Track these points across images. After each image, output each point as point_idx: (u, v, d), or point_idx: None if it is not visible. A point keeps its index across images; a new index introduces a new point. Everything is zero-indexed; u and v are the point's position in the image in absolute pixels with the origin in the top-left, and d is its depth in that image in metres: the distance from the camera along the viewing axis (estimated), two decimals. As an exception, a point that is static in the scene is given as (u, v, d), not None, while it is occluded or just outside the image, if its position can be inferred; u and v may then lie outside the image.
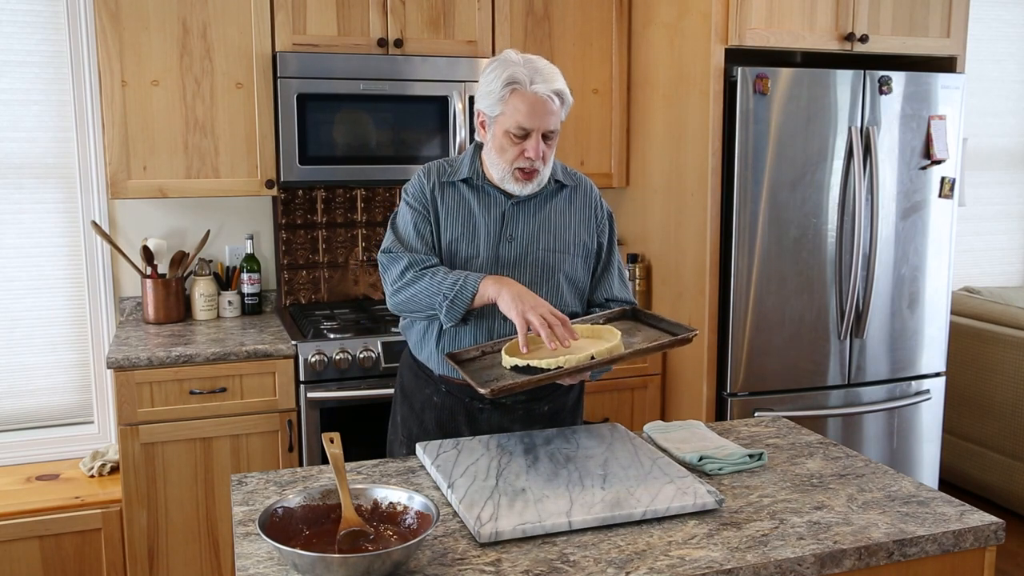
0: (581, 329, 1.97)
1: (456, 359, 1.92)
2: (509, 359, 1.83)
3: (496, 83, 1.94)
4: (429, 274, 1.95)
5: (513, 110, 1.93)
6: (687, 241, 3.10)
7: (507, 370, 1.83)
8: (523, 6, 3.25)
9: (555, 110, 1.95)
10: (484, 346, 1.96)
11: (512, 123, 1.94)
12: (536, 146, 1.95)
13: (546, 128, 1.95)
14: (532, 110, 1.92)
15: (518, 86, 1.92)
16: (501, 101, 1.94)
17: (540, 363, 1.77)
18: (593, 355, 1.78)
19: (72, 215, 3.20)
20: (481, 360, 1.93)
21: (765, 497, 1.66)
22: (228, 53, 2.97)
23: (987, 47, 4.40)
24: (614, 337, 1.85)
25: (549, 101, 1.93)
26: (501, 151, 1.98)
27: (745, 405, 3.02)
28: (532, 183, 2.01)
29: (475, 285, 1.89)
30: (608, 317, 2.08)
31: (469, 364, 1.91)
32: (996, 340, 3.80)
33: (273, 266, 3.45)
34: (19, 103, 3.10)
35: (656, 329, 2.01)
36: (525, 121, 1.93)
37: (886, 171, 3.07)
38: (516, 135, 1.95)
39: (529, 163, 1.97)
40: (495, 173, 2.02)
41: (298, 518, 1.45)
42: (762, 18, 2.90)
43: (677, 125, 3.12)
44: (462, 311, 1.91)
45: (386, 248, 2.04)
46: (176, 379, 2.76)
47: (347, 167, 3.04)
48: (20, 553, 2.77)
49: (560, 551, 1.44)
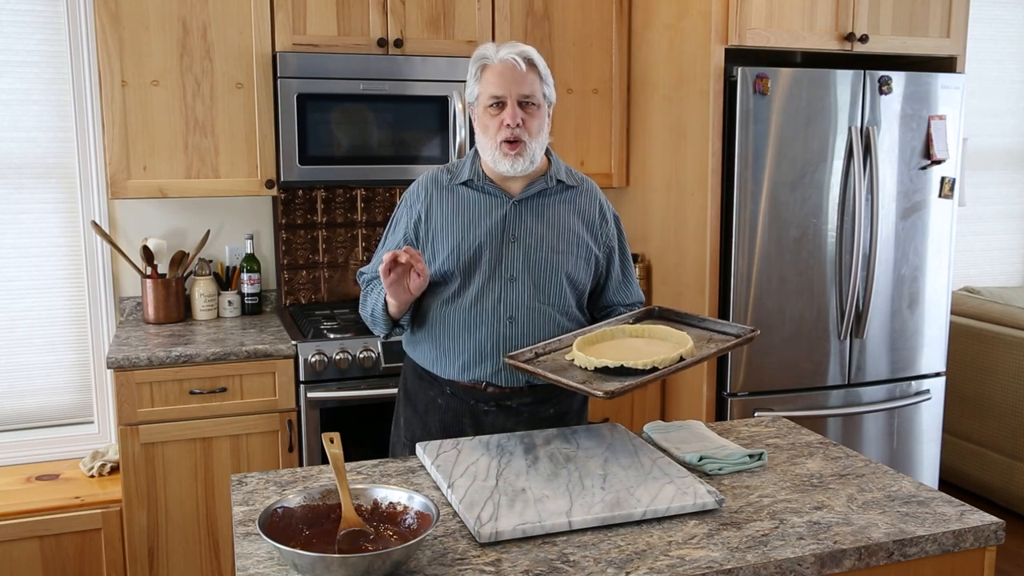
0: (631, 329, 1.98)
1: (518, 360, 1.89)
2: (591, 359, 1.81)
3: (472, 67, 2.04)
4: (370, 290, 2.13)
5: (485, 83, 2.00)
6: (687, 241, 3.10)
7: (587, 371, 1.81)
8: (523, 6, 3.25)
9: (523, 72, 1.98)
10: (536, 347, 1.95)
11: (486, 96, 1.99)
12: (512, 112, 1.97)
13: (519, 93, 1.98)
14: (500, 77, 1.98)
15: (486, 60, 2.01)
16: (476, 81, 2.02)
17: (636, 364, 1.76)
18: (682, 356, 1.80)
19: (72, 215, 3.20)
20: (540, 361, 1.90)
21: (765, 497, 1.66)
22: (228, 53, 2.97)
23: (987, 47, 4.40)
24: (684, 340, 1.87)
25: (515, 64, 1.97)
26: (485, 130, 2.02)
27: (745, 405, 3.02)
28: (522, 159, 1.99)
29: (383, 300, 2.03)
30: (636, 317, 2.09)
31: (534, 366, 1.87)
32: (996, 340, 3.80)
33: (273, 266, 3.45)
34: (19, 103, 3.10)
35: (700, 328, 2.02)
36: (495, 88, 1.98)
37: (886, 171, 3.07)
38: (493, 107, 1.99)
39: (509, 131, 1.97)
40: (486, 157, 2.03)
41: (298, 518, 1.45)
42: (762, 18, 2.90)
43: (677, 125, 3.12)
44: (383, 321, 2.07)
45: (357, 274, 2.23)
46: (176, 379, 2.76)
47: (347, 167, 3.04)
48: (20, 553, 2.77)
49: (560, 551, 1.44)
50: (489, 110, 1.99)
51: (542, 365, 1.87)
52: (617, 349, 1.89)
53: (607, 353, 1.84)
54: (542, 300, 2.04)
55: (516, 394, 2.05)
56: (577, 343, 1.90)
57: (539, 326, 2.03)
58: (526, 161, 2.00)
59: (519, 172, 2.01)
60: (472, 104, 2.06)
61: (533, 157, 2.02)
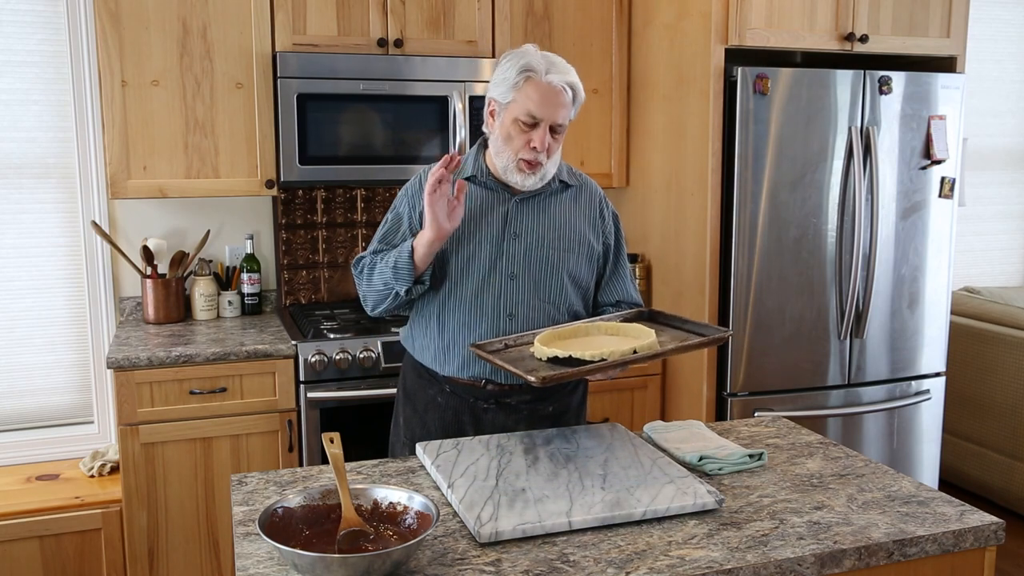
0: (606, 327, 1.98)
1: (483, 350, 1.91)
2: (546, 350, 1.82)
3: (512, 71, 1.96)
4: (378, 260, 2.05)
5: (525, 97, 1.94)
6: (687, 241, 3.10)
7: (541, 361, 1.82)
8: (523, 6, 3.25)
9: (566, 103, 1.96)
10: (507, 339, 1.96)
11: (523, 110, 1.95)
12: (543, 137, 1.95)
13: (555, 120, 1.96)
14: (544, 99, 1.94)
15: (533, 74, 1.94)
16: (514, 88, 1.95)
17: (583, 355, 1.77)
18: (636, 350, 1.79)
19: (72, 215, 3.20)
20: (507, 352, 1.92)
21: (765, 497, 1.66)
22: (228, 53, 2.97)
23: (987, 47, 4.40)
24: (648, 335, 1.87)
25: (562, 92, 1.95)
26: (507, 140, 1.99)
27: (745, 405, 3.02)
28: (535, 176, 2.00)
29: (409, 244, 1.97)
30: (625, 318, 2.08)
31: (497, 356, 1.89)
32: (996, 340, 3.80)
33: (273, 266, 3.45)
34: (19, 103, 3.10)
35: (680, 330, 2.02)
36: (536, 109, 1.94)
37: (886, 171, 3.07)
38: (525, 123, 1.95)
39: (534, 155, 1.97)
40: (499, 163, 2.02)
41: (298, 518, 1.45)
42: (762, 18, 2.90)
43: (677, 125, 3.12)
44: (407, 271, 1.96)
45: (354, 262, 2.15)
46: (176, 379, 2.76)
47: (347, 167, 3.04)
48: (20, 553, 2.77)
49: (560, 551, 1.44)
50: (521, 124, 1.96)
51: (506, 355, 1.88)
52: (584, 344, 1.89)
53: (573, 347, 1.84)
54: (542, 297, 2.05)
55: (515, 391, 2.06)
56: (544, 336, 1.90)
57: (539, 323, 2.04)
58: (537, 178, 2.01)
59: (528, 187, 2.02)
60: (500, 105, 2.00)
61: (545, 175, 2.02)
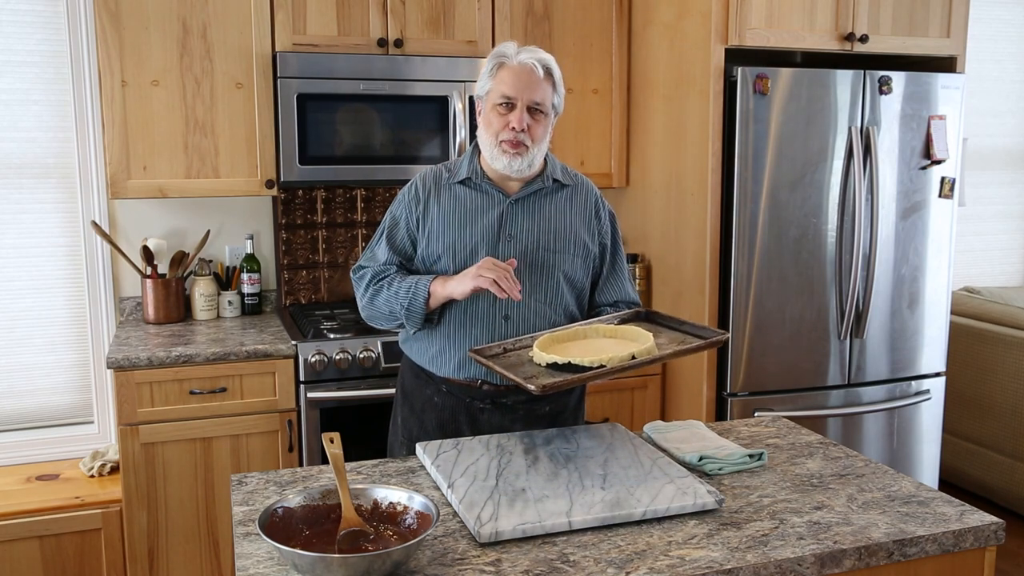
0: (605, 329, 1.97)
1: (482, 355, 1.90)
2: (545, 355, 1.81)
3: (488, 64, 2.03)
4: (386, 284, 2.04)
5: (499, 82, 2.00)
6: (687, 241, 3.10)
7: (541, 367, 1.82)
8: (523, 6, 3.25)
9: (539, 79, 1.99)
10: (506, 343, 1.96)
11: (497, 94, 1.99)
12: (520, 116, 1.97)
13: (531, 99, 1.98)
14: (516, 78, 1.98)
15: (504, 59, 2.01)
16: (490, 77, 2.02)
17: (583, 361, 1.76)
18: (634, 355, 1.79)
19: (72, 215, 3.20)
20: (505, 357, 1.91)
21: (765, 497, 1.66)
22: (228, 53, 2.97)
23: (987, 47, 4.40)
24: (646, 339, 1.86)
25: (533, 70, 1.98)
26: (488, 125, 2.02)
27: (745, 405, 3.02)
28: (520, 160, 2.00)
29: (426, 289, 1.97)
30: (622, 319, 2.08)
31: (495, 361, 1.88)
32: (996, 340, 3.80)
33: (273, 266, 3.45)
34: (19, 103, 3.10)
35: (678, 331, 2.02)
36: (508, 89, 1.98)
37: (886, 171, 3.07)
38: (501, 106, 1.99)
39: (513, 134, 1.98)
40: (485, 151, 2.04)
41: (298, 518, 1.45)
42: (762, 18, 2.90)
43: (677, 125, 3.12)
44: (420, 315, 2.00)
45: (356, 265, 2.14)
46: (176, 379, 2.76)
47: (347, 167, 3.04)
48: (20, 553, 2.77)
49: (560, 551, 1.44)
50: (498, 108, 2.00)
51: (505, 360, 1.88)
52: (582, 348, 1.88)
53: (571, 351, 1.84)
54: (537, 299, 2.05)
55: (512, 392, 2.06)
56: (542, 341, 1.90)
57: (534, 324, 2.04)
58: (524, 162, 2.01)
59: (515, 172, 2.02)
60: (481, 99, 2.05)
61: (532, 161, 2.02)
